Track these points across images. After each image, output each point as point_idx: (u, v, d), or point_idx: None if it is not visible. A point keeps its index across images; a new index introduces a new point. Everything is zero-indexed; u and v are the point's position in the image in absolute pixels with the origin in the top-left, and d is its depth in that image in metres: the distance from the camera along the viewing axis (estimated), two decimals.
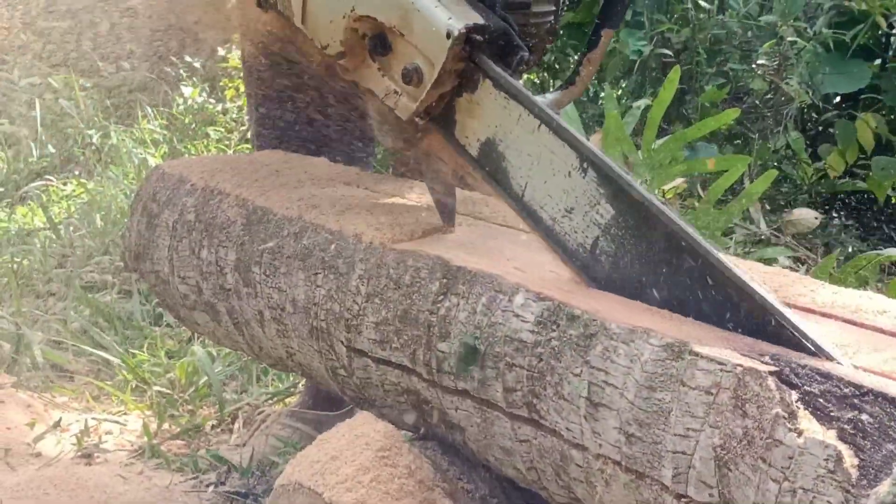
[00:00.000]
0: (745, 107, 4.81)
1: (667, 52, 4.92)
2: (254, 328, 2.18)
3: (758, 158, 4.65)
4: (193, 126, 5.36)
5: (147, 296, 3.75)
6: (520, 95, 1.77)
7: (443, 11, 1.78)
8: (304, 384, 2.98)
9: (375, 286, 1.87)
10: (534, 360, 1.62)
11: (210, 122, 5.38)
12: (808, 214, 4.48)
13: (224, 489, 2.70)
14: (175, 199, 2.31)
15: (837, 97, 5.06)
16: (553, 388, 1.59)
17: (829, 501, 1.25)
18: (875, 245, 4.44)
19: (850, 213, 4.87)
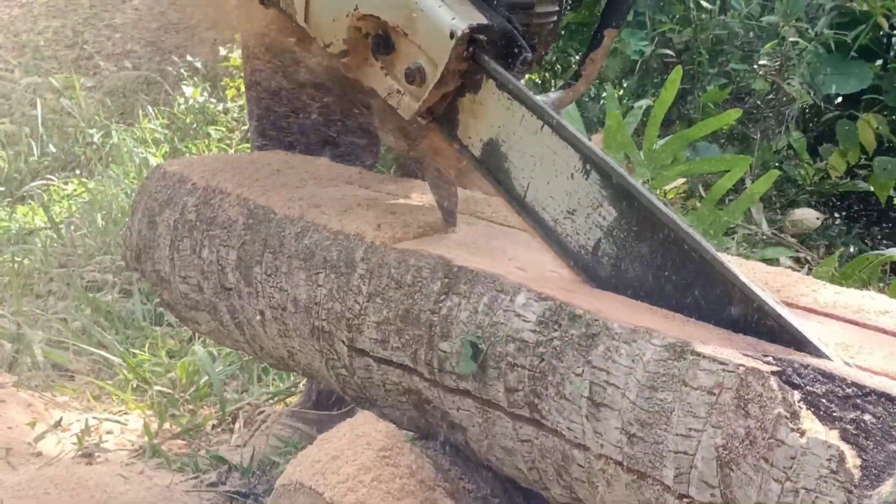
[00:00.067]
0: (747, 107, 4.80)
1: (668, 53, 4.92)
2: (255, 328, 2.18)
3: (759, 159, 4.65)
4: (195, 125, 5.36)
5: (148, 295, 3.75)
6: (523, 96, 1.77)
7: (446, 11, 1.78)
8: (305, 384, 2.98)
9: (377, 286, 1.86)
10: (535, 360, 1.62)
11: (211, 122, 5.39)
12: (810, 215, 4.47)
13: (225, 489, 2.69)
14: (176, 199, 2.31)
15: (839, 97, 5.06)
16: (555, 388, 1.59)
17: (832, 502, 1.25)
18: (877, 245, 4.44)
19: (852, 214, 4.87)
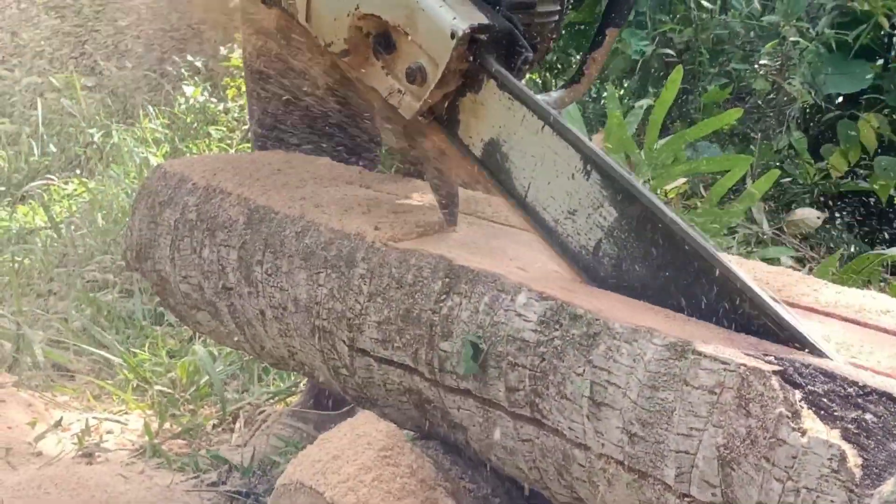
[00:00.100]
0: (748, 107, 4.80)
1: (669, 52, 4.91)
2: (255, 327, 2.18)
3: (760, 158, 4.64)
4: (195, 125, 5.36)
5: (148, 295, 3.74)
6: (524, 96, 1.77)
7: (447, 11, 1.78)
8: (305, 383, 2.98)
9: (378, 285, 1.86)
10: (536, 360, 1.62)
11: (212, 122, 5.38)
12: (811, 214, 4.47)
13: (225, 488, 2.69)
14: (177, 198, 2.31)
15: (840, 97, 5.05)
16: (555, 388, 1.59)
17: (833, 501, 1.25)
18: (877, 245, 4.43)
19: (853, 213, 4.86)
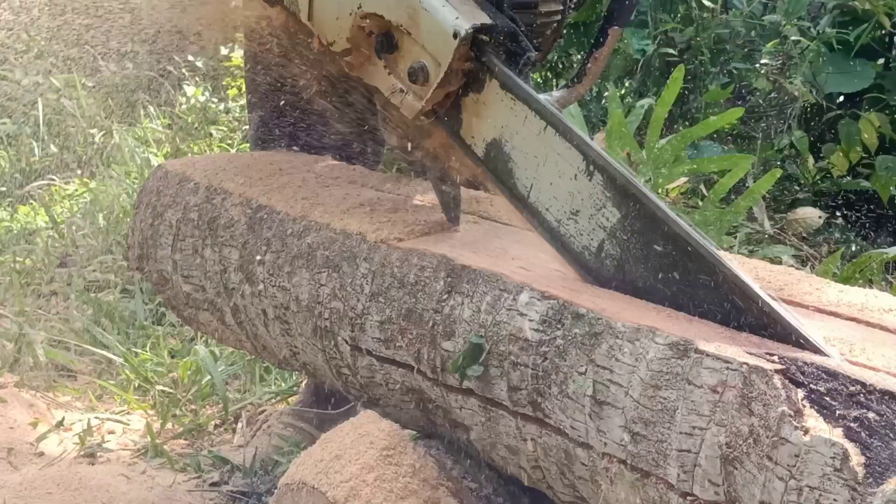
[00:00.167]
0: (749, 106, 4.80)
1: (670, 52, 4.91)
2: (257, 327, 2.18)
3: (761, 158, 4.64)
4: (196, 125, 5.36)
5: (150, 295, 3.74)
6: (526, 96, 1.77)
7: (450, 11, 1.78)
8: (305, 382, 2.98)
9: (380, 285, 1.86)
10: (538, 359, 1.61)
11: (213, 122, 5.38)
12: (812, 213, 4.47)
13: (227, 488, 2.69)
14: (178, 198, 2.31)
15: (841, 96, 5.05)
16: (558, 387, 1.59)
17: (836, 500, 1.25)
18: (879, 244, 4.43)
19: (854, 212, 4.86)
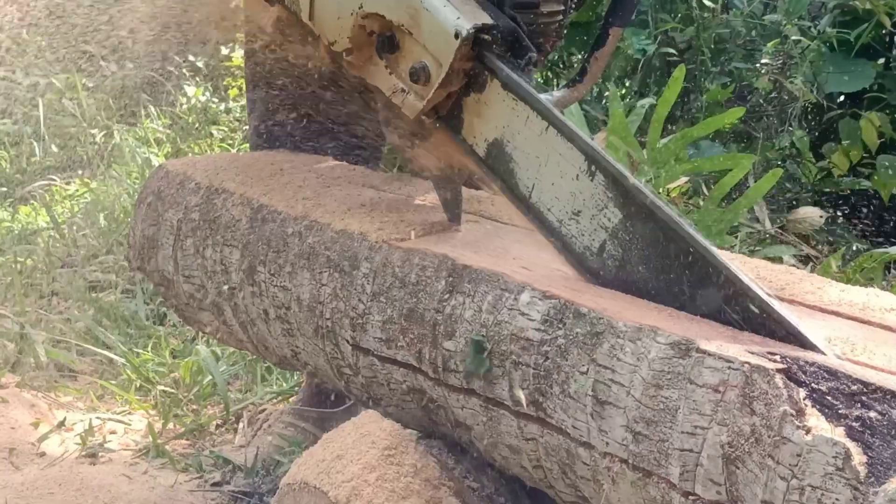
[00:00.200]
0: (750, 106, 4.80)
1: (671, 51, 4.91)
2: (259, 327, 2.18)
3: (762, 157, 4.64)
4: (197, 125, 5.36)
5: (151, 295, 3.74)
6: (528, 96, 1.77)
7: (451, 11, 1.78)
8: (304, 381, 2.97)
9: (381, 284, 1.86)
10: (540, 359, 1.61)
11: (213, 122, 5.38)
12: (813, 213, 4.47)
13: (229, 488, 2.69)
14: (179, 198, 2.31)
15: (842, 96, 5.06)
16: (559, 387, 1.59)
17: (838, 499, 1.25)
18: (880, 243, 4.43)
19: (855, 212, 4.87)
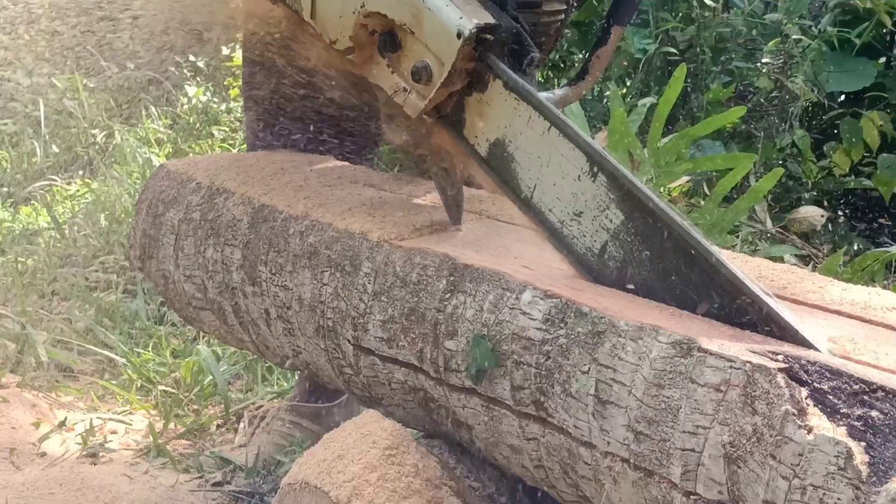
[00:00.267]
0: (751, 105, 4.80)
1: (672, 51, 4.91)
2: (260, 327, 2.18)
3: (763, 157, 4.64)
4: (198, 125, 5.36)
5: (152, 295, 3.74)
6: (530, 96, 1.77)
7: (453, 10, 1.78)
8: (298, 377, 2.95)
9: (382, 284, 1.86)
10: (541, 358, 1.61)
11: (214, 122, 5.38)
12: (814, 212, 4.47)
13: (230, 488, 2.69)
14: (180, 198, 2.30)
15: (843, 95, 5.05)
16: (561, 386, 1.59)
17: (840, 499, 1.24)
18: (881, 243, 4.43)
19: (856, 211, 4.86)
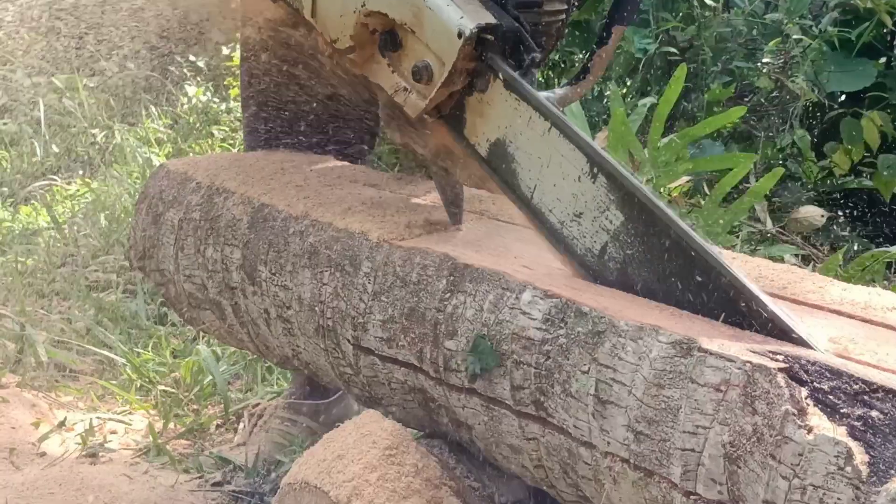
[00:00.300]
0: (751, 105, 4.80)
1: (672, 51, 4.91)
2: (260, 326, 2.18)
3: (763, 157, 4.64)
4: (198, 125, 5.36)
5: (152, 295, 3.74)
6: (530, 97, 1.77)
7: (454, 10, 1.78)
8: (292, 374, 2.94)
9: (382, 284, 1.86)
10: (541, 358, 1.61)
11: (214, 122, 5.38)
12: (814, 212, 4.47)
13: (229, 488, 2.69)
14: (180, 198, 2.30)
15: (843, 95, 5.05)
16: (561, 386, 1.58)
17: (840, 498, 1.24)
18: (881, 243, 4.43)
19: (856, 211, 4.86)
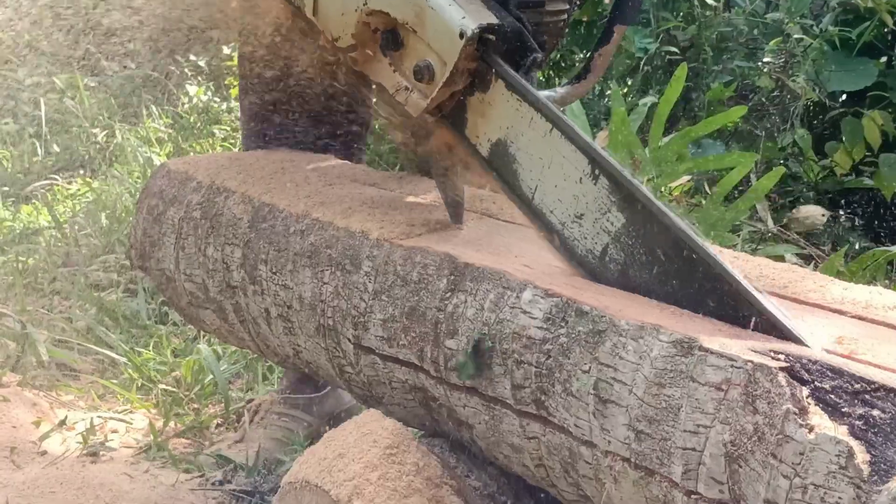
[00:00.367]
0: (752, 104, 4.80)
1: (673, 50, 4.91)
2: (260, 326, 2.18)
3: (764, 156, 4.64)
4: (199, 125, 5.36)
5: (153, 294, 3.74)
6: (532, 98, 1.77)
7: (456, 10, 1.78)
8: (284, 369, 2.94)
9: (383, 283, 1.86)
10: (542, 357, 1.61)
11: (215, 121, 5.38)
12: (815, 211, 4.47)
13: (230, 487, 2.69)
14: (181, 197, 2.30)
15: (844, 94, 5.04)
16: (561, 385, 1.58)
17: (841, 498, 1.24)
18: (882, 242, 4.43)
19: (857, 210, 4.86)
